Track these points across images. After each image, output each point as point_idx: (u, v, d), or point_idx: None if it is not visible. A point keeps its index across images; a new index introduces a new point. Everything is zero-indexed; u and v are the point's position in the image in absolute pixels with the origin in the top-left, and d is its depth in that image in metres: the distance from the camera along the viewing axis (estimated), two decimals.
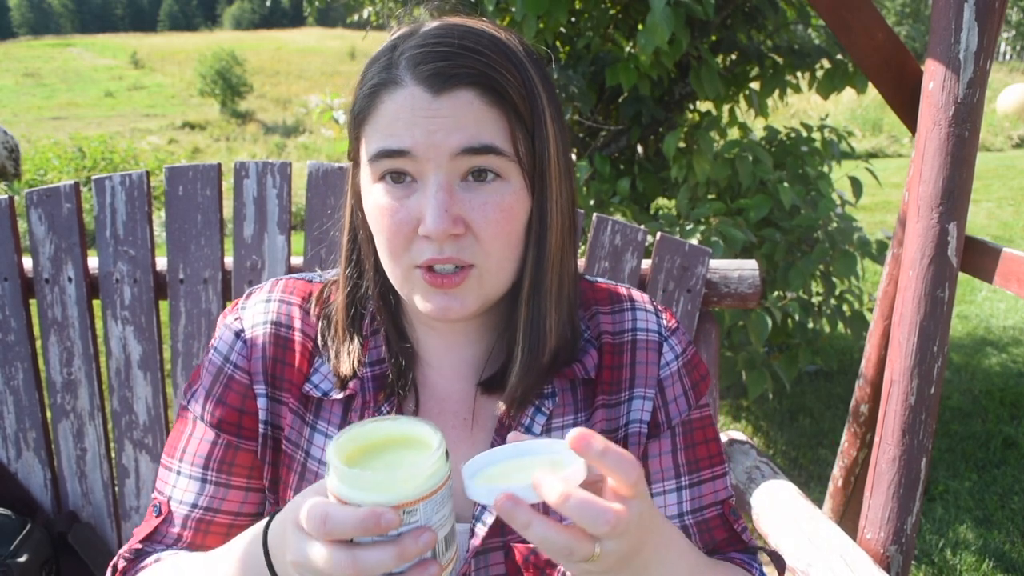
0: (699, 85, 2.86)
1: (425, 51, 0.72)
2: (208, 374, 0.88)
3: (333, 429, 0.85)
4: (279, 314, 0.87)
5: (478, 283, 0.76)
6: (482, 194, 0.74)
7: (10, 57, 39.64)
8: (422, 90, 0.72)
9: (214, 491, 0.86)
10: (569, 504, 0.56)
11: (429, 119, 0.71)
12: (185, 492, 0.86)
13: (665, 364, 0.89)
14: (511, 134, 0.74)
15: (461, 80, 0.71)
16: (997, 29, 1.43)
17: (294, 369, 0.86)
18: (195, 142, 17.90)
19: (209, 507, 0.85)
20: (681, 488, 0.89)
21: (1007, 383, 3.95)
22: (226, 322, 0.89)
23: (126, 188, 1.51)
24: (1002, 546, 2.68)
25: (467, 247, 0.75)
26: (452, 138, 0.71)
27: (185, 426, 0.88)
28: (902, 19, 17.27)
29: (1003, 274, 1.48)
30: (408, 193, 0.75)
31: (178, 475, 0.86)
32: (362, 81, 0.77)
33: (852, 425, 1.92)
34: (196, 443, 0.87)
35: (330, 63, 35.18)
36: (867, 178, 3.16)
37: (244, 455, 0.86)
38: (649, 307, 0.92)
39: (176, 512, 0.85)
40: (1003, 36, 22.43)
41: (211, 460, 0.86)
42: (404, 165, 0.74)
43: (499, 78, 0.72)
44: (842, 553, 1.26)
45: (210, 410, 0.86)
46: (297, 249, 1.53)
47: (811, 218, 2.93)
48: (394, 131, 0.73)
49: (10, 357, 1.51)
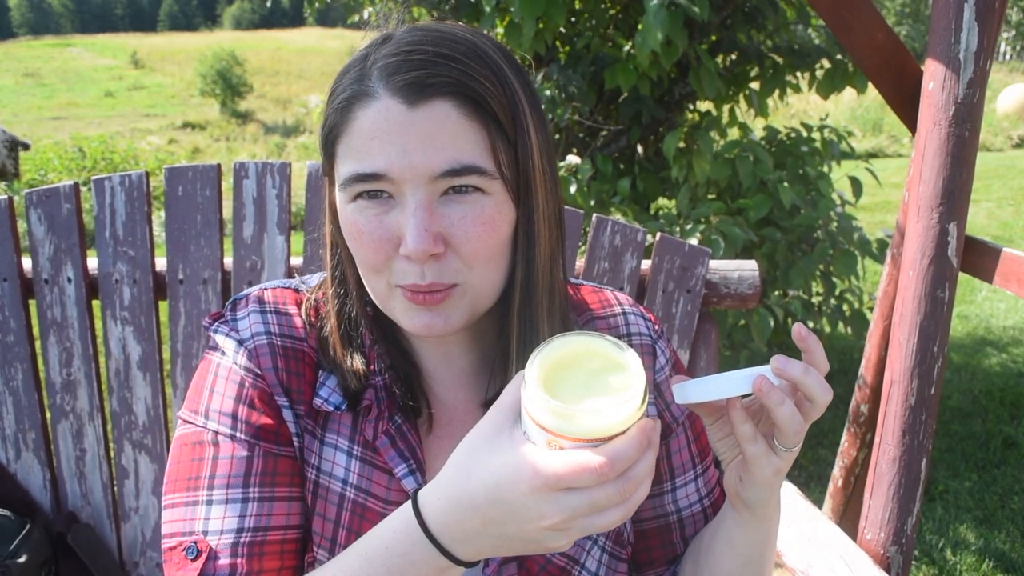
0: (698, 85, 2.86)
1: (399, 60, 0.69)
2: (220, 386, 0.80)
3: (343, 442, 0.81)
4: (280, 325, 0.82)
5: (462, 299, 0.74)
6: (462, 208, 0.71)
7: (10, 57, 39.65)
8: (396, 101, 0.68)
9: (259, 508, 0.76)
10: (811, 373, 0.68)
11: (405, 135, 0.68)
12: (224, 520, 0.74)
13: (660, 368, 0.91)
14: (492, 148, 0.70)
15: (438, 90, 0.68)
16: (997, 29, 1.43)
17: (304, 381, 0.81)
18: (195, 142, 17.91)
19: (258, 527, 0.75)
20: (697, 476, 0.93)
21: (1007, 383, 3.95)
22: (222, 332, 0.82)
23: (126, 188, 1.51)
24: (1002, 546, 2.68)
25: (448, 268, 0.72)
26: (431, 159, 0.68)
27: (202, 452, 0.77)
28: (902, 19, 17.25)
29: (1003, 274, 1.48)
30: (385, 210, 0.71)
31: (208, 505, 0.75)
32: (333, 94, 0.73)
33: (852, 425, 1.92)
34: (227, 464, 0.76)
35: (330, 63, 35.17)
36: (867, 178, 3.16)
37: (285, 462, 0.79)
38: (636, 310, 0.93)
39: (219, 546, 0.73)
40: (1003, 36, 22.42)
41: (251, 476, 0.76)
42: (380, 186, 0.70)
43: (478, 87, 0.69)
44: (842, 553, 1.26)
45: (243, 419, 0.78)
46: (297, 249, 1.53)
47: (811, 218, 2.93)
48: (368, 151, 0.69)
49: (9, 358, 1.51)
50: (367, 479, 0.80)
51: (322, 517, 0.80)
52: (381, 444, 0.80)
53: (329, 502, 0.80)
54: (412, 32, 0.72)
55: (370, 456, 0.80)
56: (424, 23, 0.74)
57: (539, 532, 0.61)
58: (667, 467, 0.92)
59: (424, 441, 0.83)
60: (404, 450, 0.80)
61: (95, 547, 1.52)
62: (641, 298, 1.58)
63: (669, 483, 0.92)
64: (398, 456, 0.80)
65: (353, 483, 0.80)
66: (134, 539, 1.56)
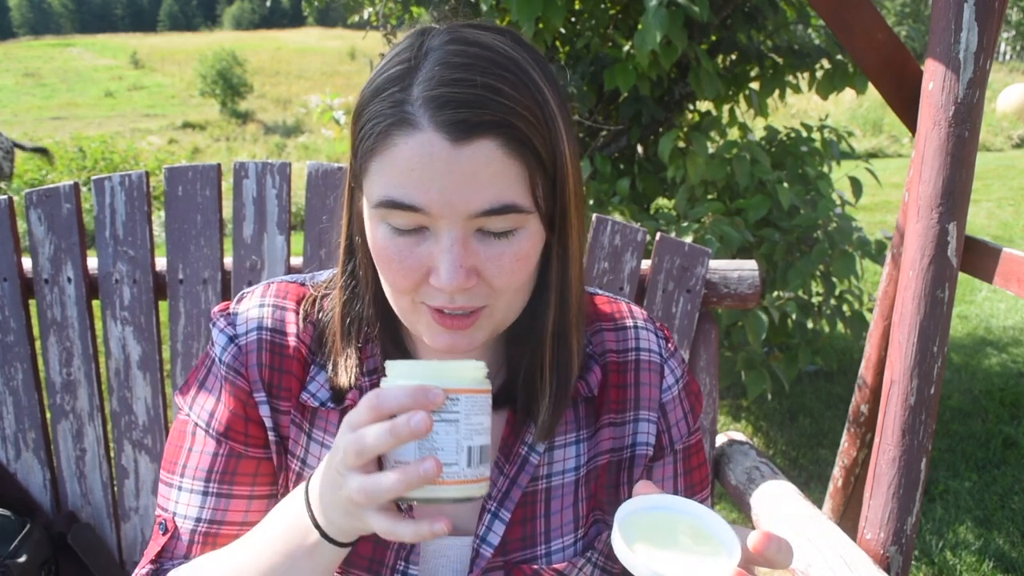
0: (698, 86, 2.86)
1: (445, 93, 0.65)
2: (208, 380, 0.85)
3: (329, 439, 0.83)
4: (273, 320, 0.84)
5: (488, 320, 0.75)
6: (499, 245, 0.70)
7: (10, 57, 39.65)
8: (441, 137, 0.65)
9: (216, 503, 0.83)
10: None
11: (447, 174, 0.66)
12: (188, 507, 0.84)
13: (667, 388, 0.90)
14: (531, 183, 0.69)
15: (485, 129, 0.65)
16: (997, 29, 1.43)
17: (292, 377, 0.83)
18: (195, 142, 17.90)
19: (213, 519, 0.83)
20: None
21: (1007, 383, 3.95)
22: (218, 326, 0.86)
23: (126, 188, 1.51)
24: (1002, 546, 2.68)
25: (479, 294, 0.72)
26: (471, 199, 0.67)
27: (183, 440, 0.85)
28: (902, 19, 17.26)
29: (1003, 274, 1.48)
30: (418, 241, 0.70)
31: (179, 490, 0.84)
32: (367, 106, 0.70)
33: (852, 425, 1.92)
34: (197, 457, 0.84)
35: (330, 63, 35.17)
36: (867, 178, 3.16)
37: (248, 463, 0.84)
38: (650, 326, 0.92)
39: (182, 528, 0.84)
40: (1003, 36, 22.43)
41: (212, 472, 0.84)
42: (415, 218, 0.68)
43: (523, 125, 0.67)
44: (842, 553, 1.26)
45: (217, 418, 0.83)
46: (297, 249, 1.52)
47: (810, 218, 2.93)
48: (407, 182, 0.67)
49: (9, 357, 1.51)
50: None
51: None
52: None
53: None
54: (455, 52, 0.68)
55: None
56: (464, 32, 0.70)
57: (336, 468, 0.65)
58: None
59: None
60: None
61: (95, 547, 1.52)
62: (641, 298, 1.58)
63: None
64: None
65: None
66: (134, 539, 1.56)
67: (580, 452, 0.87)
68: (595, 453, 0.88)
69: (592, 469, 0.88)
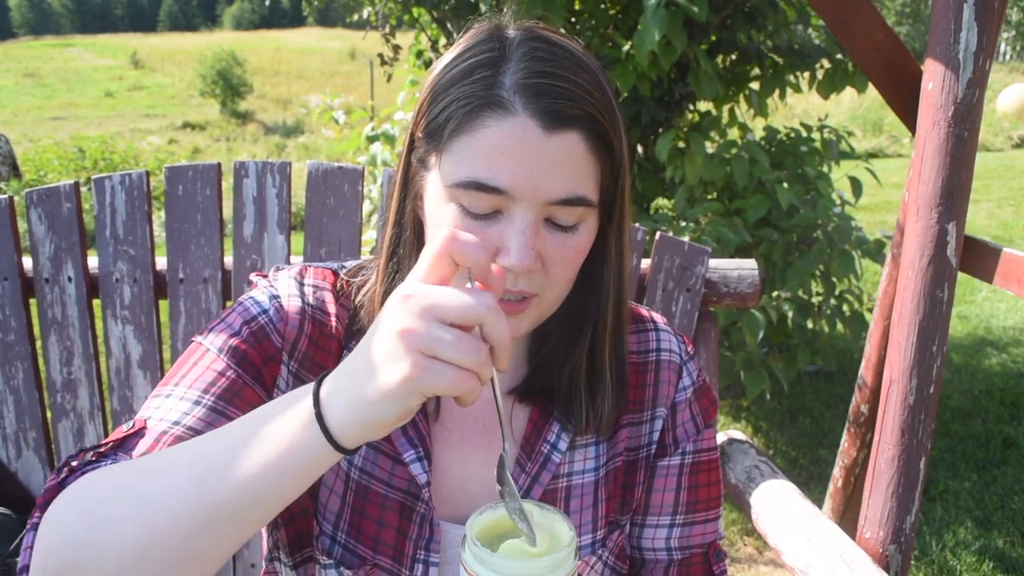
0: (698, 86, 2.86)
1: (541, 83, 0.68)
2: (230, 318, 0.81)
3: None
4: (315, 298, 0.84)
5: (536, 308, 0.76)
6: (563, 236, 0.73)
7: (10, 57, 39.65)
8: (535, 123, 0.68)
9: (205, 414, 0.73)
10: None
11: (536, 159, 0.68)
12: (169, 411, 0.73)
13: (682, 388, 0.92)
14: (600, 180, 0.73)
15: (574, 122, 0.69)
16: (997, 29, 1.43)
17: (329, 356, 0.83)
18: (195, 142, 17.91)
19: (192, 427, 0.72)
20: (674, 525, 0.92)
21: (1007, 383, 3.95)
22: (261, 285, 0.85)
23: (126, 188, 1.51)
24: (1002, 546, 2.69)
25: (537, 280, 0.74)
26: (552, 186, 0.69)
27: (189, 357, 0.79)
28: (902, 19, 17.26)
29: (1003, 274, 1.48)
30: (489, 223, 0.71)
31: (167, 398, 0.75)
32: (450, 88, 0.71)
33: (852, 425, 1.92)
34: (200, 370, 0.77)
35: (330, 63, 35.17)
36: (867, 178, 3.16)
37: (251, 393, 0.78)
38: (670, 330, 0.95)
39: (151, 428, 0.71)
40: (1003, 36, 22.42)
41: (213, 386, 0.76)
42: (494, 200, 0.70)
43: (605, 123, 0.71)
44: (841, 553, 1.26)
45: (234, 345, 0.79)
46: (297, 249, 1.53)
47: (810, 218, 2.93)
48: (494, 163, 0.68)
49: (10, 357, 1.51)
50: (371, 463, 0.83)
51: (329, 489, 0.83)
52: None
53: (338, 477, 0.83)
54: (540, 48, 0.71)
55: (377, 441, 0.82)
56: (539, 31, 0.73)
57: (387, 339, 0.57)
58: (644, 501, 0.92)
59: (432, 430, 0.85)
60: (414, 437, 0.83)
61: None
62: (641, 297, 1.58)
63: (640, 517, 0.92)
64: (408, 443, 0.82)
65: (358, 464, 0.83)
66: None
67: (600, 453, 0.88)
68: (613, 454, 0.89)
69: (611, 470, 0.89)
